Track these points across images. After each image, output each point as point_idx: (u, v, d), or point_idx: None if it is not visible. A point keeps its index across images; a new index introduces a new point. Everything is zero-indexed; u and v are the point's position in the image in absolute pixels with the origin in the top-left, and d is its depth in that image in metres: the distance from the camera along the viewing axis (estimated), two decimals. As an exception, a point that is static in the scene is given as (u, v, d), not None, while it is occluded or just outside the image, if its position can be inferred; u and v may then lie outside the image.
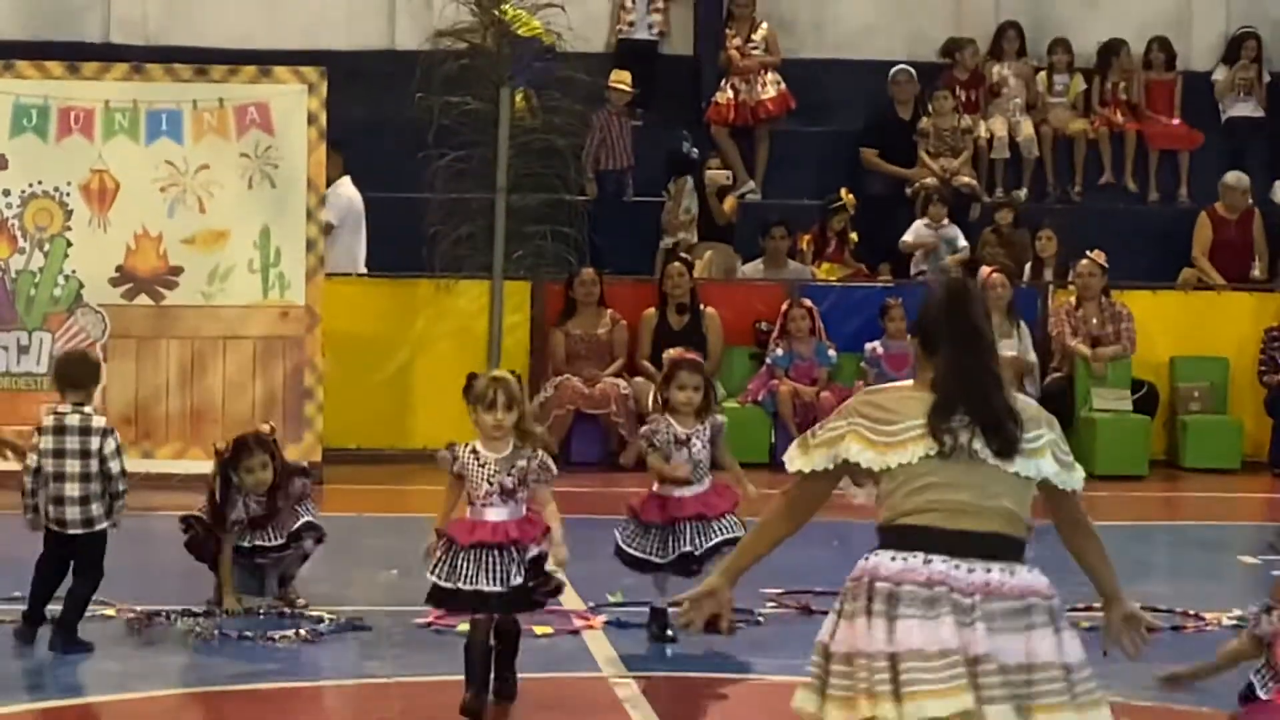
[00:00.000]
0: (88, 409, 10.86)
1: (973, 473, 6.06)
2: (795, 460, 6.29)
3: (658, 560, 10.34)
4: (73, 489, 10.58)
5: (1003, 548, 6.05)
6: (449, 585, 8.62)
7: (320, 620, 11.25)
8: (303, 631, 11.05)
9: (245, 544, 11.44)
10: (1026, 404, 6.32)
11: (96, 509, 10.65)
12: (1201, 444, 18.72)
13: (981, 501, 6.06)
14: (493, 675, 8.77)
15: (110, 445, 10.75)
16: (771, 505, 6.61)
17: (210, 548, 11.55)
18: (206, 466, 13.68)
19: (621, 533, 10.65)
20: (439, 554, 8.71)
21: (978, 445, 6.06)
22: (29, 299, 16.72)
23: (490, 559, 8.53)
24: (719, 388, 17.81)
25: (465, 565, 8.58)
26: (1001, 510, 6.07)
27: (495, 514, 8.58)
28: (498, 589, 8.55)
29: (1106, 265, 18.79)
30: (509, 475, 8.53)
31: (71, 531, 10.64)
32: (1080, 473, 6.31)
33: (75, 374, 11.11)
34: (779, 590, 10.99)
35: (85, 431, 10.70)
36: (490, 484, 8.51)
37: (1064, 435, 6.39)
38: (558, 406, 18.34)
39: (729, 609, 6.64)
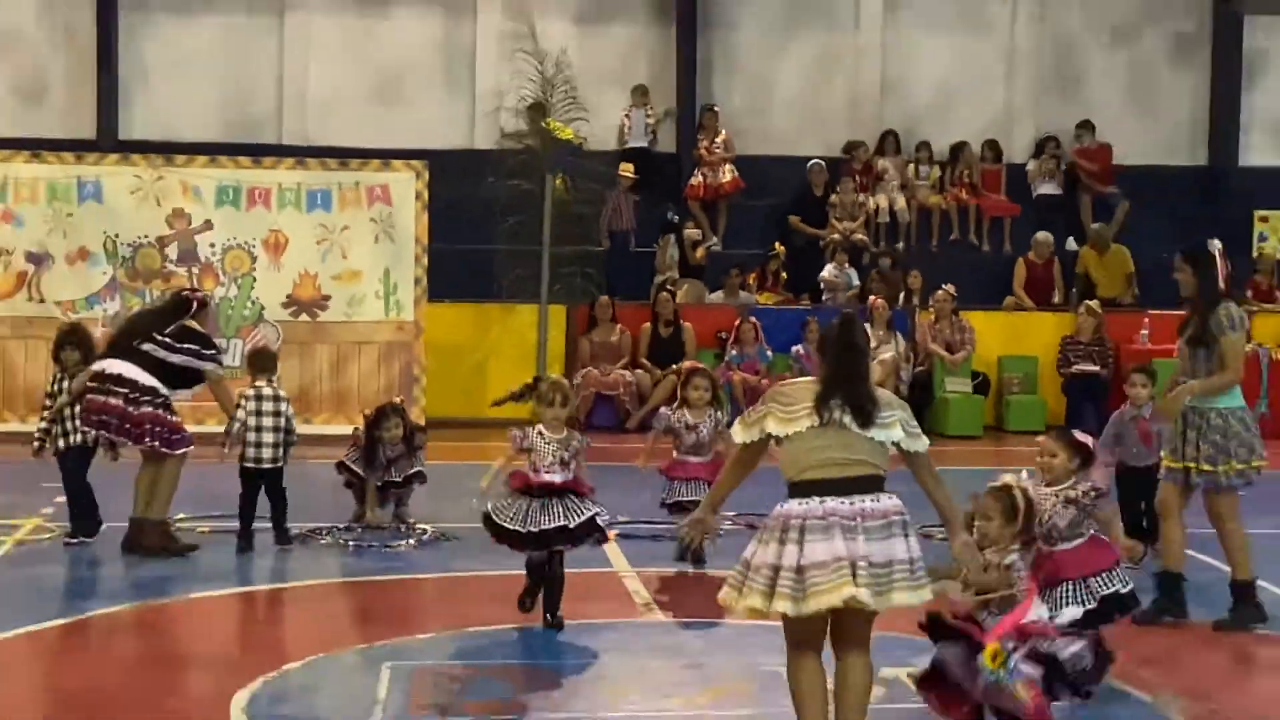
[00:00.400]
0: (275, 384, 11.02)
1: (842, 437, 6.17)
2: (738, 434, 6.42)
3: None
4: (266, 437, 10.79)
5: (869, 484, 6.15)
6: (515, 528, 8.44)
7: (424, 532, 11.39)
8: (412, 541, 11.22)
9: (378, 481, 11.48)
10: (884, 394, 6.43)
11: (279, 451, 10.84)
12: (1019, 415, 18.74)
13: (850, 455, 6.15)
14: (544, 612, 8.65)
15: (289, 409, 11.03)
16: (728, 462, 6.78)
17: (357, 485, 11.61)
18: (347, 429, 13.79)
19: (664, 491, 10.79)
20: (508, 502, 8.54)
21: (846, 420, 6.15)
22: (227, 317, 16.75)
23: (553, 505, 8.43)
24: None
25: (533, 512, 8.44)
26: (865, 461, 6.17)
27: (554, 477, 8.49)
28: (560, 524, 8.44)
29: (955, 294, 18.87)
30: (566, 451, 8.53)
31: (265, 466, 10.78)
32: (925, 441, 6.40)
33: (264, 362, 11.31)
34: (733, 513, 10.94)
35: (275, 399, 10.92)
36: (552, 457, 8.47)
37: (915, 414, 6.58)
38: (584, 390, 18.35)
39: (715, 529, 6.93)
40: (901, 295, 19.58)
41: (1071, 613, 6.94)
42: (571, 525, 8.46)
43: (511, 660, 8.19)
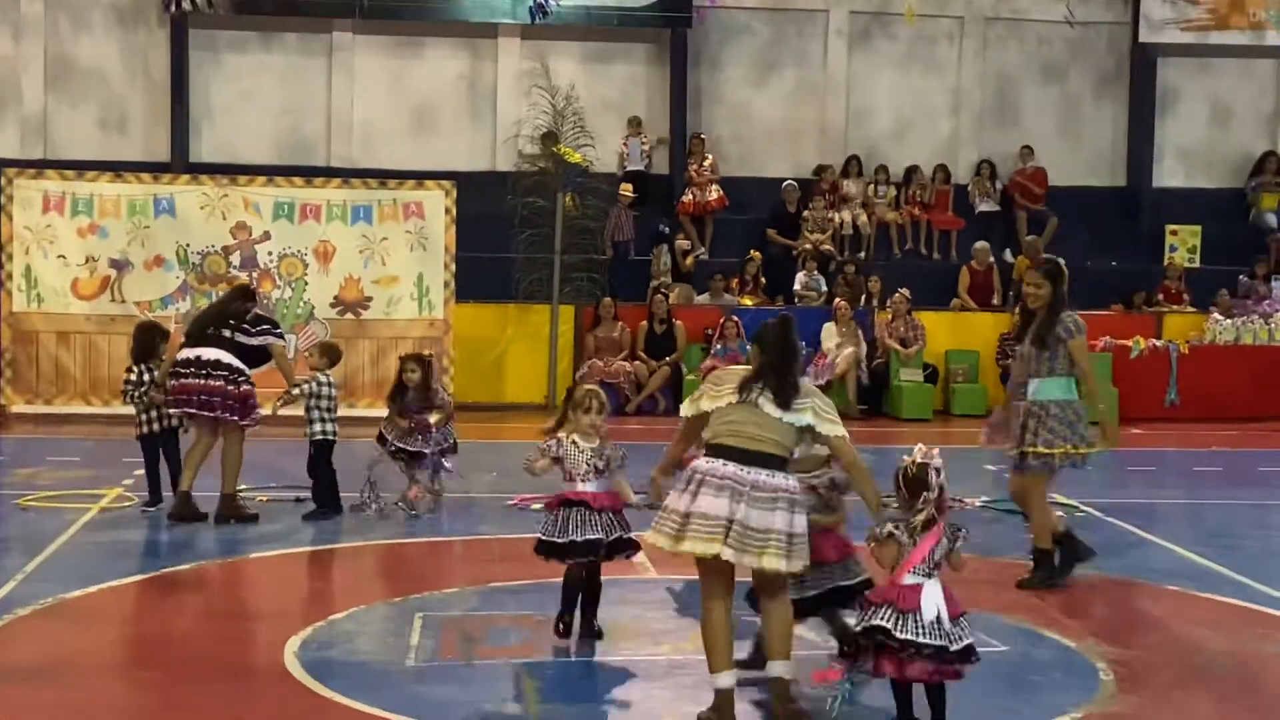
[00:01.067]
0: (330, 375, 11.10)
1: (757, 415, 6.18)
2: (685, 410, 6.57)
3: None
4: (332, 414, 10.92)
5: (770, 461, 6.15)
6: (558, 540, 7.40)
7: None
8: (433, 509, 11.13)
9: (413, 449, 11.01)
10: (805, 385, 6.41)
11: (333, 426, 10.92)
12: (963, 400, 18.75)
13: (759, 433, 6.15)
14: (580, 618, 7.59)
15: (338, 392, 11.14)
16: (676, 433, 6.77)
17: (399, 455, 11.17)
18: (382, 411, 13.79)
19: None
20: (548, 515, 7.58)
21: (764, 401, 6.18)
22: (282, 315, 16.70)
23: (592, 518, 7.38)
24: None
25: (572, 524, 7.39)
26: (771, 440, 6.17)
27: (591, 487, 7.45)
28: (598, 536, 7.39)
29: (909, 297, 18.90)
30: (600, 459, 7.45)
31: (330, 439, 10.88)
32: (838, 427, 6.32)
33: (335, 355, 11.42)
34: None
35: (330, 385, 10.97)
36: (587, 465, 7.44)
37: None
38: (589, 379, 18.32)
39: (666, 489, 6.59)
40: (863, 297, 19.59)
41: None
42: (608, 539, 7.48)
43: (526, 611, 8.17)
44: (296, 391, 10.90)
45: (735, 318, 18.63)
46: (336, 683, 6.83)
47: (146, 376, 10.94)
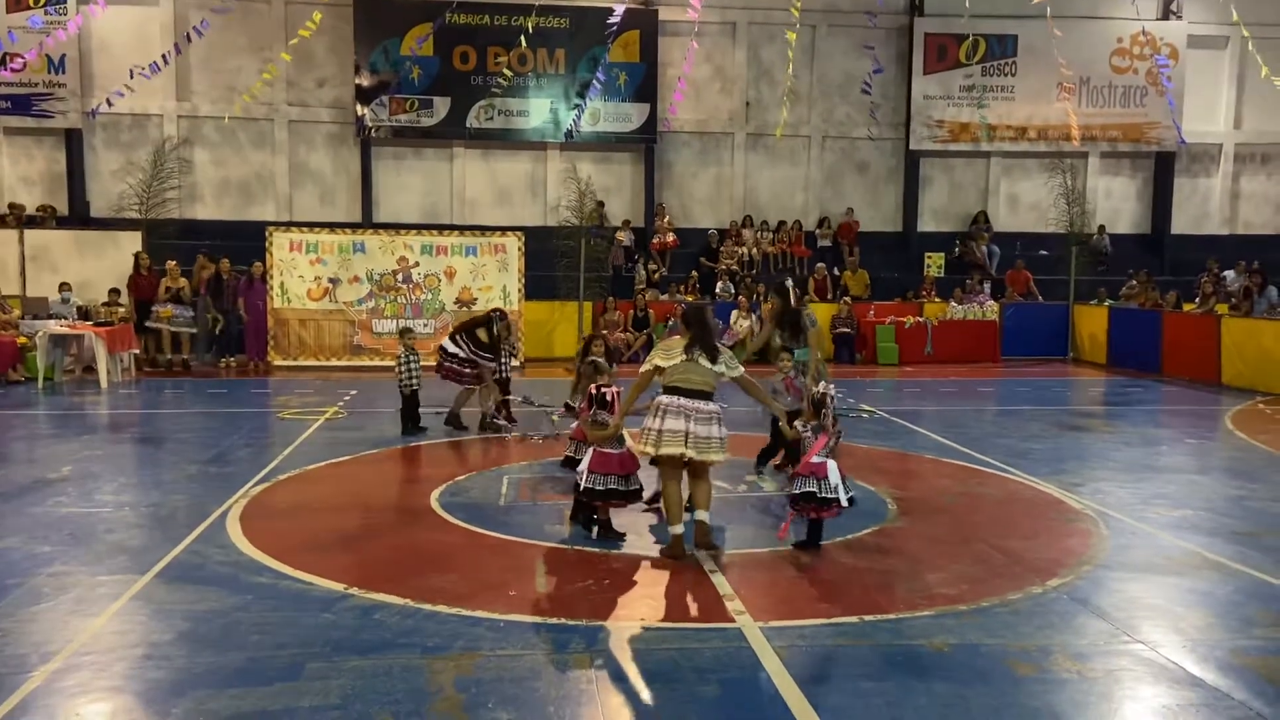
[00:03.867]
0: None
1: (696, 368, 5.93)
2: (644, 367, 6.09)
3: None
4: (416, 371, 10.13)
5: (704, 395, 5.90)
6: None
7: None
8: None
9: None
10: (722, 348, 6.09)
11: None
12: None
13: (698, 378, 5.91)
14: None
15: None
16: (632, 385, 6.13)
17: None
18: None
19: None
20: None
21: (702, 359, 5.94)
22: (427, 308, 16.64)
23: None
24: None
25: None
26: (705, 382, 5.93)
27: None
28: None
29: (793, 285, 18.74)
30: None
31: (417, 390, 10.02)
32: (739, 369, 6.02)
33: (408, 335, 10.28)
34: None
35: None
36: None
37: (759, 360, 6.39)
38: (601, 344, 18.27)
39: (619, 431, 6.24)
40: (755, 295, 19.53)
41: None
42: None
43: (570, 474, 8.07)
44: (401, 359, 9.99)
45: (683, 305, 18.47)
46: (461, 514, 6.86)
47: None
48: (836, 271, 21.14)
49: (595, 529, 6.37)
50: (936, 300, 20.12)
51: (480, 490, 7.68)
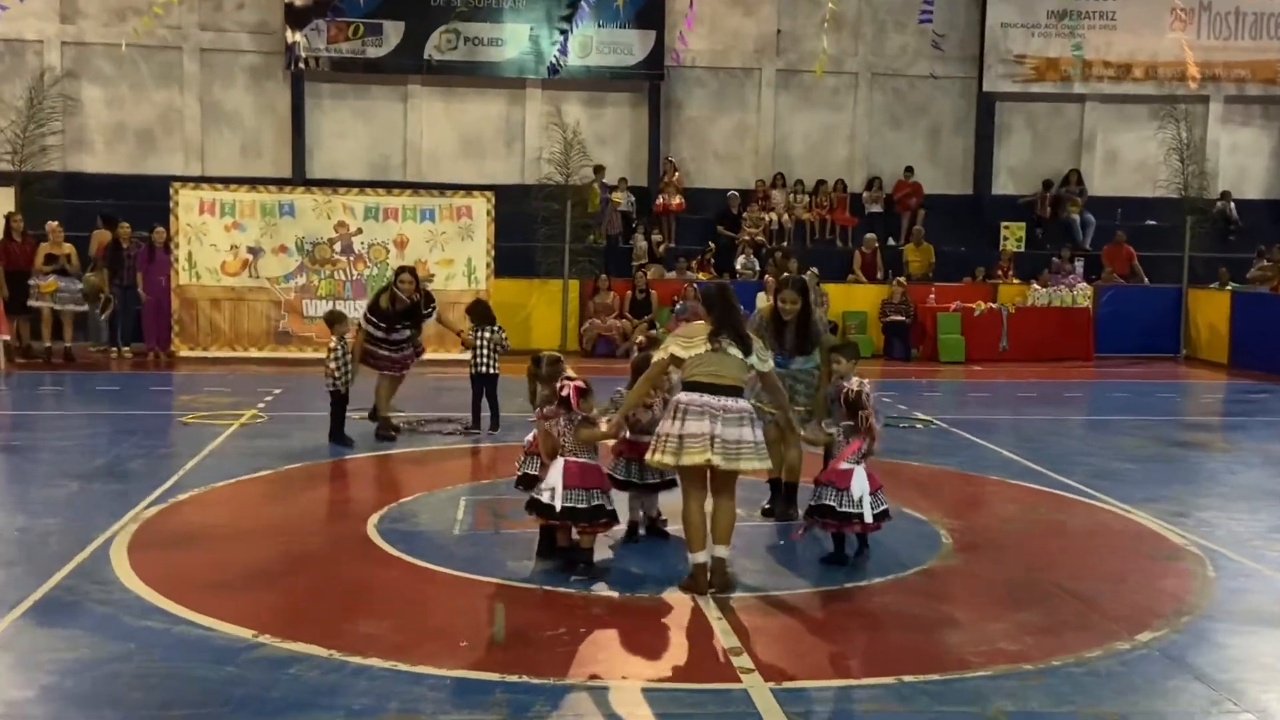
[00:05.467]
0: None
1: (724, 359, 6.02)
2: (657, 356, 6.21)
3: None
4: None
5: (733, 391, 5.99)
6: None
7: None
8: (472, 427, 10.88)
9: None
10: (755, 336, 6.28)
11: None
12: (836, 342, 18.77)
13: (726, 371, 6.00)
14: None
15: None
16: (639, 380, 6.42)
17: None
18: (444, 355, 13.77)
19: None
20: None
21: (732, 349, 6.04)
22: (372, 288, 16.42)
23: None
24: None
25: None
26: (734, 376, 6.02)
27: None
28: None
29: (818, 273, 18.76)
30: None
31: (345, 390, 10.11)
32: (770, 363, 6.28)
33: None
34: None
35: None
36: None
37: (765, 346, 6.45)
38: (591, 333, 18.37)
39: (622, 427, 6.54)
40: (784, 275, 19.50)
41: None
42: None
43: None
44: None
45: (694, 285, 18.61)
46: (404, 545, 6.89)
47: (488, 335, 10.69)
48: (890, 243, 21.20)
49: (577, 565, 6.38)
50: (1014, 282, 20.17)
51: (430, 515, 7.72)
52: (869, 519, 6.44)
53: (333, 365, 10.03)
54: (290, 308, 16.88)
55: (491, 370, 10.74)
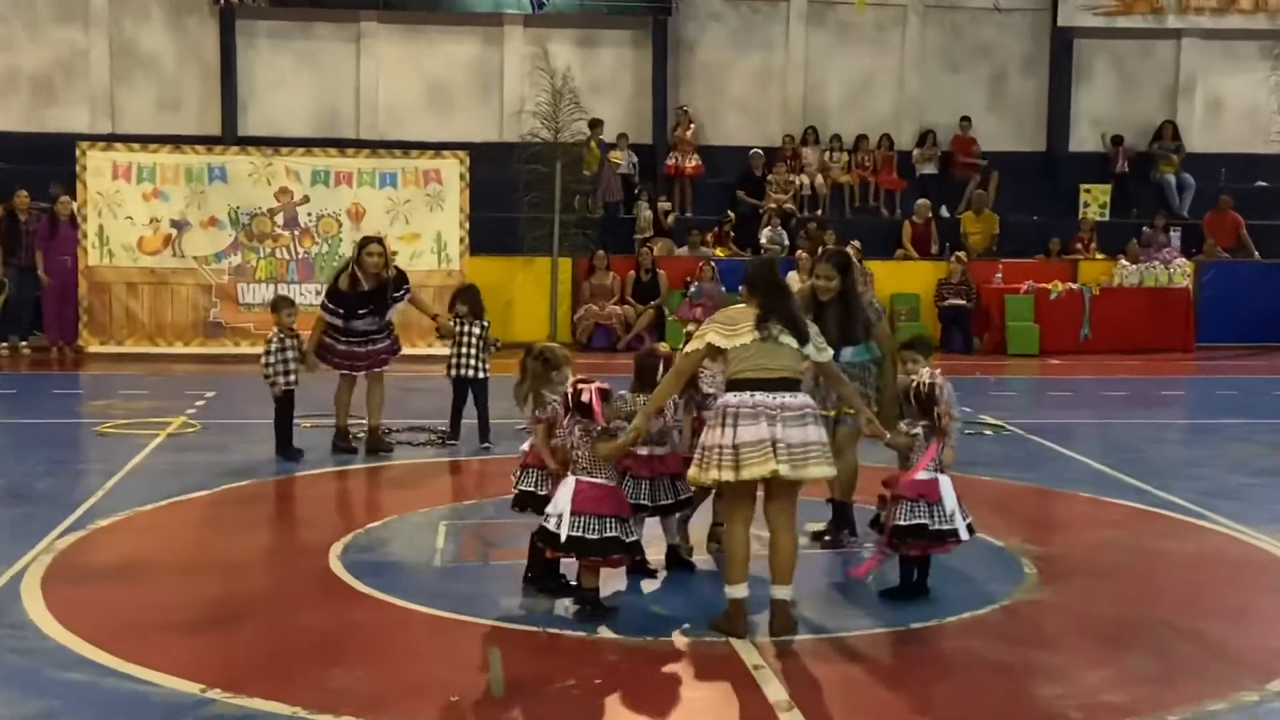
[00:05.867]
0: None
1: (775, 349, 6.04)
2: (691, 347, 6.20)
3: None
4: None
5: (789, 384, 6.03)
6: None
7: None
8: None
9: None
10: (806, 320, 6.29)
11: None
12: (907, 334, 18.75)
13: (778, 363, 6.02)
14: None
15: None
16: (667, 374, 6.39)
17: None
18: (415, 350, 13.80)
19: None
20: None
21: (785, 338, 6.07)
22: (321, 268, 16.80)
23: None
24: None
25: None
26: (788, 366, 6.05)
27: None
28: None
29: (860, 248, 18.84)
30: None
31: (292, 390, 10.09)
32: (829, 351, 6.37)
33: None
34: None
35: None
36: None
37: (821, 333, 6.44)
38: (586, 321, 18.44)
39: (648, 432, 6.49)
40: (820, 249, 19.51)
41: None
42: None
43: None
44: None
45: (712, 263, 18.69)
46: (375, 579, 6.89)
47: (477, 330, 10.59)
48: (945, 213, 21.23)
49: (576, 603, 6.39)
50: (1098, 256, 20.23)
51: (404, 543, 7.72)
52: (964, 535, 6.48)
53: (269, 360, 9.89)
54: (223, 293, 16.92)
55: (480, 374, 10.61)
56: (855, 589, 6.88)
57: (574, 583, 6.47)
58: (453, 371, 10.62)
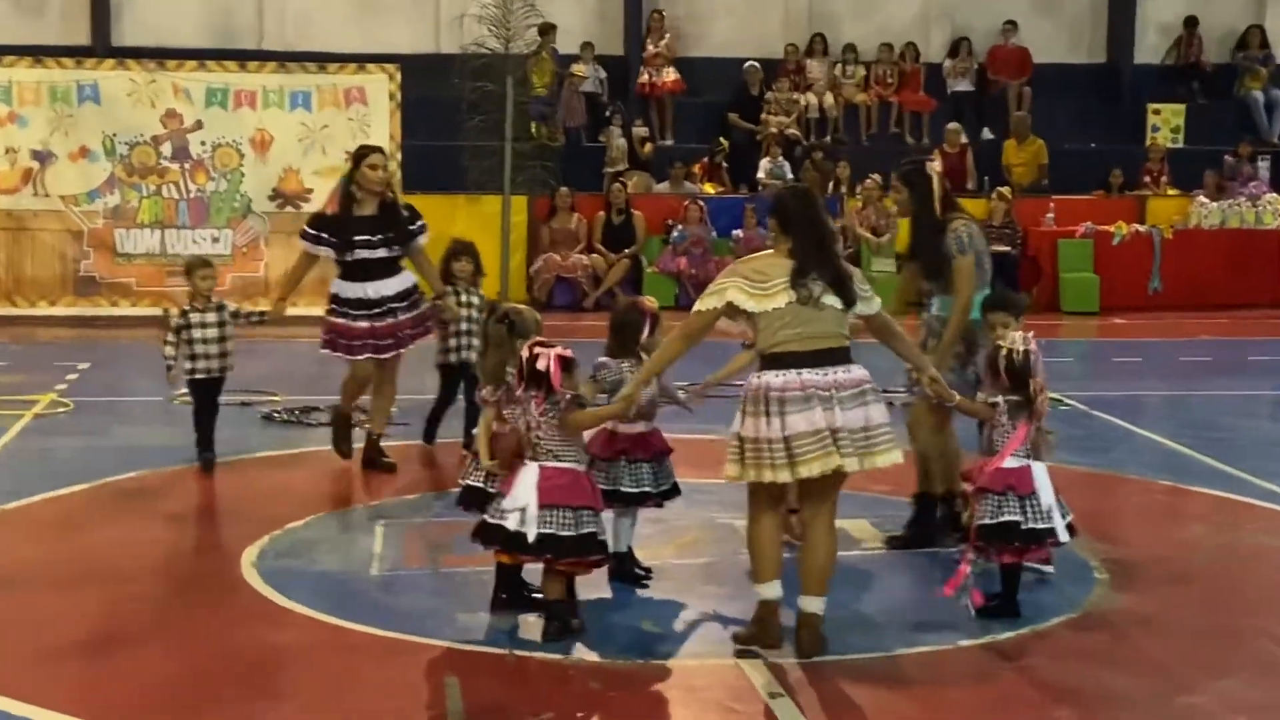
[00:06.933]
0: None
1: (818, 312, 5.94)
2: (696, 304, 6.10)
3: None
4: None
5: (840, 356, 5.95)
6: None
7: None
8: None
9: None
10: (848, 266, 6.17)
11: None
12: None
13: (823, 329, 5.93)
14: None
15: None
16: (671, 334, 6.29)
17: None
18: (299, 310, 13.68)
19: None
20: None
21: (828, 298, 5.95)
22: (218, 209, 16.76)
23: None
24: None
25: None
26: (835, 333, 5.97)
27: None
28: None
29: (881, 183, 18.87)
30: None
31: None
32: (878, 301, 6.20)
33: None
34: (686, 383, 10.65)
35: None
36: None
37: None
38: (545, 273, 18.40)
39: (639, 404, 6.50)
40: (831, 184, 19.56)
41: None
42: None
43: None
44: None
45: (700, 202, 18.66)
46: (300, 591, 6.86)
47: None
48: (986, 136, 21.24)
49: (546, 621, 6.37)
50: (1170, 192, 20.28)
51: (334, 548, 7.72)
52: (1064, 535, 6.49)
53: (196, 344, 9.24)
54: (97, 241, 16.84)
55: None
56: (898, 596, 6.91)
57: (543, 592, 6.43)
58: (451, 356, 9.65)
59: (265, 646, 6.26)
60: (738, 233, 18.39)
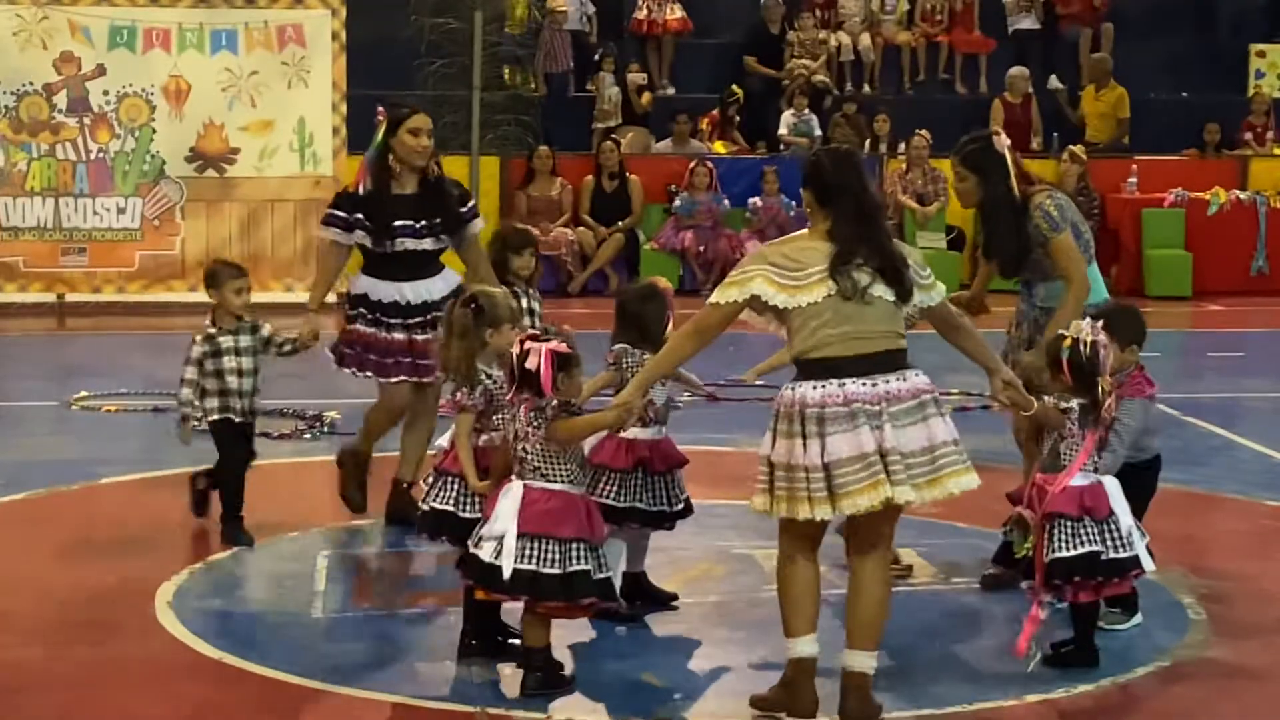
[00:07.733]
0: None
1: (860, 311, 5.77)
2: (714, 294, 5.92)
3: None
4: None
5: (892, 361, 5.79)
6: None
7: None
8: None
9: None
10: (902, 246, 6.06)
11: None
12: (996, 272, 18.83)
13: (872, 328, 5.78)
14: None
15: None
16: (681, 329, 6.14)
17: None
18: (261, 296, 13.68)
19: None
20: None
21: (878, 290, 5.79)
22: (124, 173, 16.72)
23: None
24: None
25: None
26: (886, 333, 5.82)
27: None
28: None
29: (930, 140, 18.85)
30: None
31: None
32: (940, 287, 6.07)
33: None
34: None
35: None
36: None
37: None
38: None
39: (640, 411, 6.40)
40: (868, 142, 19.56)
41: None
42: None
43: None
44: None
45: (709, 163, 18.63)
46: (227, 638, 6.85)
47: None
48: (1054, 83, 21.23)
49: (525, 673, 6.34)
50: (1277, 152, 20.24)
51: (268, 584, 7.75)
52: (1149, 564, 6.54)
53: (224, 382, 8.50)
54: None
55: None
56: (949, 641, 6.92)
57: (523, 638, 6.39)
58: None
59: (184, 704, 6.23)
60: (755, 201, 18.33)
